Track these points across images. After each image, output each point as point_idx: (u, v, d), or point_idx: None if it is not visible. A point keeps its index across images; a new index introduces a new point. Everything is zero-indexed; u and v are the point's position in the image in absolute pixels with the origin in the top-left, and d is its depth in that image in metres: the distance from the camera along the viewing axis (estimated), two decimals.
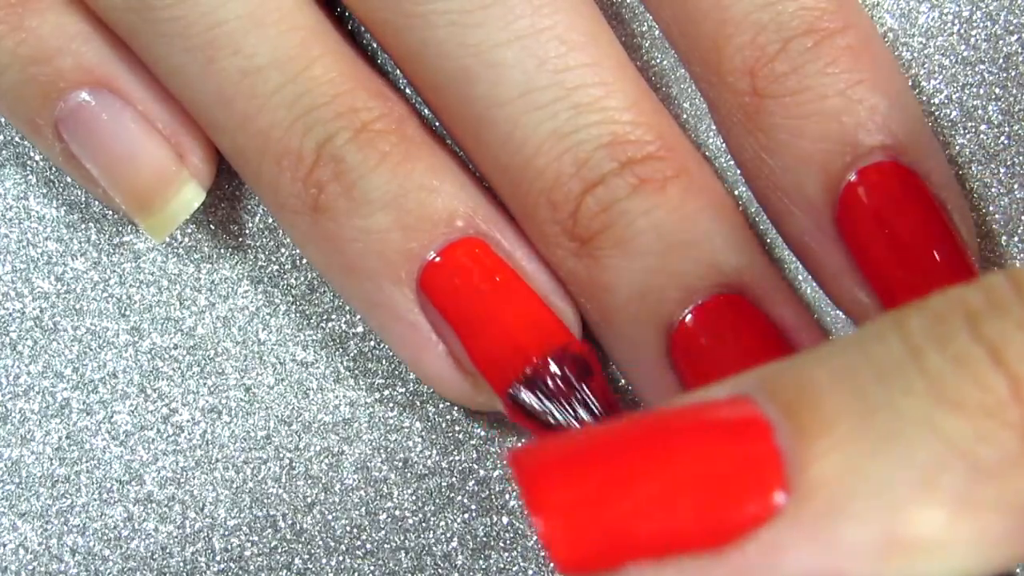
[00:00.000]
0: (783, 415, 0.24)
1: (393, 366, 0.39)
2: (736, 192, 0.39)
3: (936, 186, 0.35)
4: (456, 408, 0.39)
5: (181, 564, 0.39)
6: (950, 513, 0.23)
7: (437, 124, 0.39)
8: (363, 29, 0.39)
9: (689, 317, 0.35)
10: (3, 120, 0.40)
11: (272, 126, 0.36)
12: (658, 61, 0.39)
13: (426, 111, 0.39)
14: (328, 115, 0.35)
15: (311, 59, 0.36)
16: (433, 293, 0.35)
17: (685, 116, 0.39)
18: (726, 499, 0.23)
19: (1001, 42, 0.38)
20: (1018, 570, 0.36)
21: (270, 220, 0.40)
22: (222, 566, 0.39)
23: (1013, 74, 0.38)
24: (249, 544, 0.39)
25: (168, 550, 0.39)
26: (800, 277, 0.38)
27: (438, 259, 0.36)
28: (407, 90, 0.39)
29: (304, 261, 0.39)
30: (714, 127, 0.39)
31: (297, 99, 0.35)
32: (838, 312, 0.38)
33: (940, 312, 0.24)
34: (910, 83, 0.38)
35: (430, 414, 0.39)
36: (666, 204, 0.35)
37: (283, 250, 0.39)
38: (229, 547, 0.39)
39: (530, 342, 0.35)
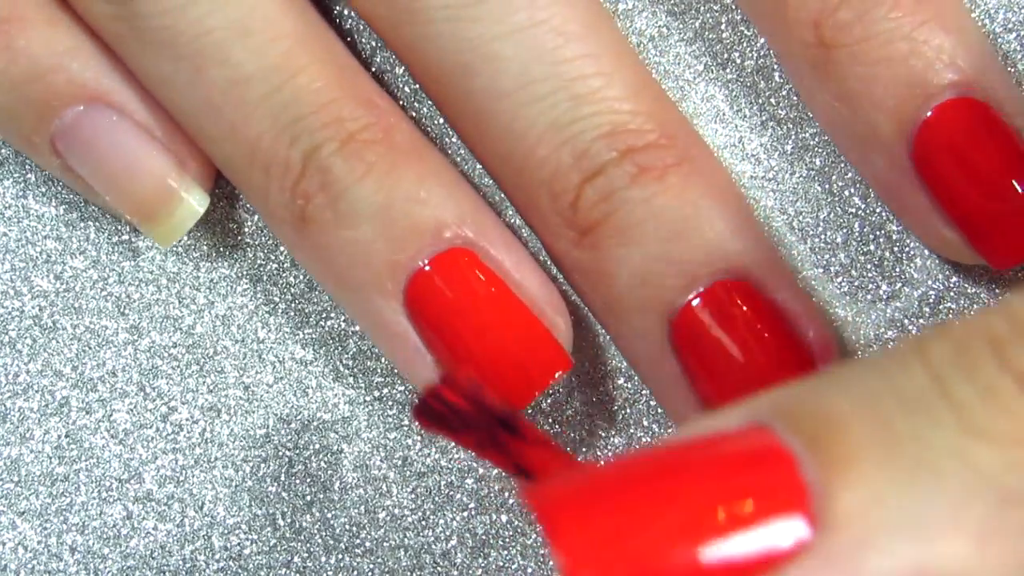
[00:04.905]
0: (807, 447, 0.23)
1: (392, 364, 0.39)
2: (741, 182, 0.39)
3: (1010, 115, 0.35)
4: None
5: (180, 563, 0.39)
6: (978, 543, 0.23)
7: (431, 125, 0.39)
8: (363, 26, 0.39)
9: (690, 303, 0.35)
10: None
11: (260, 136, 0.36)
12: (658, 60, 0.39)
13: (423, 110, 0.39)
14: (315, 125, 0.35)
15: (297, 68, 0.35)
16: (420, 305, 0.35)
17: (684, 115, 0.39)
18: (751, 534, 0.23)
19: (1000, 40, 0.38)
20: None
21: None
22: (221, 564, 0.39)
23: (1012, 72, 0.38)
24: (248, 543, 0.39)
25: (167, 548, 0.39)
26: (804, 268, 0.38)
27: (426, 270, 0.35)
28: (407, 87, 0.39)
29: None
30: (715, 123, 0.39)
31: (283, 109, 0.35)
32: (841, 302, 0.38)
33: (963, 340, 0.24)
34: None
35: None
36: (666, 192, 0.35)
37: (281, 249, 0.39)
38: (228, 545, 0.39)
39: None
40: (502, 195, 0.38)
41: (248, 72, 0.35)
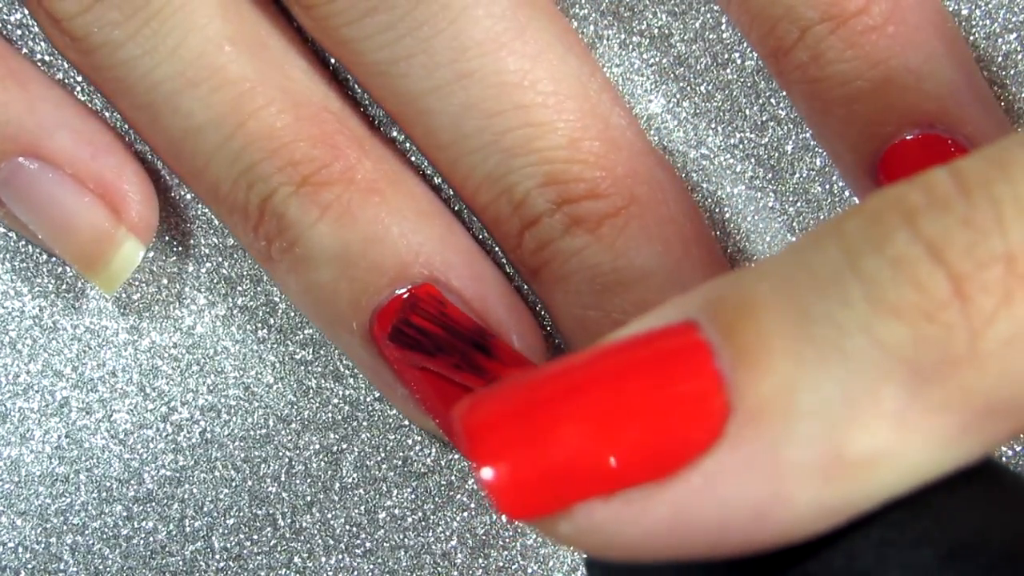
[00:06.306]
0: (722, 336, 0.23)
1: None
2: (736, 190, 0.39)
3: (980, 146, 0.35)
4: None
5: (181, 563, 0.39)
6: (895, 425, 0.22)
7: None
8: None
9: None
10: None
11: (219, 181, 0.36)
12: (658, 60, 0.39)
13: None
14: (268, 170, 0.35)
15: (247, 114, 0.35)
16: (385, 342, 0.36)
17: (684, 115, 0.39)
18: (669, 428, 0.23)
19: (1000, 40, 0.38)
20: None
21: None
22: (221, 564, 0.39)
23: (1012, 72, 0.38)
24: (248, 543, 0.39)
25: (168, 549, 0.39)
26: None
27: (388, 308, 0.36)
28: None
29: None
30: (715, 123, 0.39)
31: (237, 156, 0.36)
32: None
33: (877, 212, 0.23)
34: None
35: None
36: (597, 243, 0.35)
37: None
38: (228, 546, 0.39)
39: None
40: None
41: (200, 122, 0.36)
